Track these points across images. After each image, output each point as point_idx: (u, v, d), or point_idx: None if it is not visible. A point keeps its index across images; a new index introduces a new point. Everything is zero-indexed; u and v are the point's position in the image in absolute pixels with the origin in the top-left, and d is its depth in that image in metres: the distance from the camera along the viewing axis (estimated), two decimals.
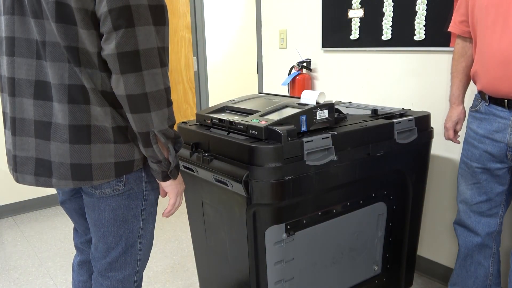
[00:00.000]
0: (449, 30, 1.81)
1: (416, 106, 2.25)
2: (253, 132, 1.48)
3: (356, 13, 2.41)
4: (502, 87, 1.54)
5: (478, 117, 1.68)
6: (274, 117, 1.53)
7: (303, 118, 1.53)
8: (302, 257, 1.61)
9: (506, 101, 1.56)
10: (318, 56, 2.69)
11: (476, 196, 1.74)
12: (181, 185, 1.27)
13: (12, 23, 1.11)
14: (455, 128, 1.87)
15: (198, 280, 2.06)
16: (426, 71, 2.17)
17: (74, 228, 1.48)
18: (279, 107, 1.62)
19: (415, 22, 2.15)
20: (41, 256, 2.73)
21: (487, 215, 1.74)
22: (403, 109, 1.92)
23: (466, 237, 1.82)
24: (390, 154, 1.72)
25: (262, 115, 1.56)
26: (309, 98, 1.59)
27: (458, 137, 1.90)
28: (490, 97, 1.62)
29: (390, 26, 2.26)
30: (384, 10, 2.27)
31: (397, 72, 2.30)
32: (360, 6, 2.38)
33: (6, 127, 1.22)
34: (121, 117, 1.14)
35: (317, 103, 1.57)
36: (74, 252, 2.73)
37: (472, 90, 1.94)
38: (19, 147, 1.16)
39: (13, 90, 1.14)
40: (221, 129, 1.63)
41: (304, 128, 1.53)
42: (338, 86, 2.62)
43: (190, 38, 3.96)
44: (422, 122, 1.83)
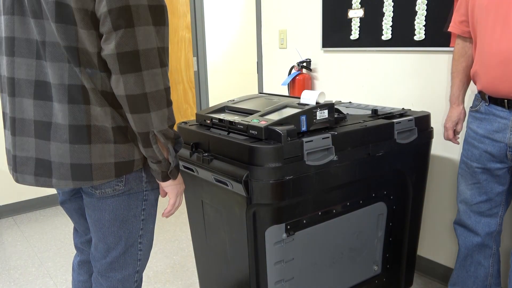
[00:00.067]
0: (449, 30, 1.81)
1: (416, 106, 2.25)
2: (253, 132, 1.48)
3: (356, 13, 2.41)
4: (502, 87, 1.54)
5: (478, 117, 1.68)
6: (274, 117, 1.53)
7: (303, 118, 1.53)
8: (302, 257, 1.61)
9: (506, 101, 1.57)
10: (318, 56, 2.69)
11: (476, 196, 1.74)
12: (181, 185, 1.27)
13: (12, 23, 1.11)
14: (456, 128, 1.87)
15: (198, 280, 2.06)
16: (426, 71, 2.17)
17: (74, 228, 1.48)
18: (279, 107, 1.62)
19: (415, 22, 2.15)
20: (41, 256, 2.73)
21: (487, 215, 1.75)
22: (403, 109, 1.92)
23: (466, 237, 1.82)
24: (390, 154, 1.72)
25: (262, 115, 1.56)
26: (309, 98, 1.59)
27: (458, 138, 1.90)
28: (490, 97, 1.62)
29: (390, 26, 2.26)
30: (384, 10, 2.27)
31: (397, 72, 2.30)
32: (360, 6, 2.38)
33: (6, 127, 1.21)
34: (121, 117, 1.14)
35: (317, 103, 1.57)
36: (74, 252, 2.73)
37: (472, 90, 1.94)
38: (19, 147, 1.16)
39: (13, 90, 1.14)
40: (221, 129, 1.63)
41: (304, 128, 1.53)
42: (338, 86, 2.62)
43: (190, 38, 3.96)
44: (422, 122, 1.83)
